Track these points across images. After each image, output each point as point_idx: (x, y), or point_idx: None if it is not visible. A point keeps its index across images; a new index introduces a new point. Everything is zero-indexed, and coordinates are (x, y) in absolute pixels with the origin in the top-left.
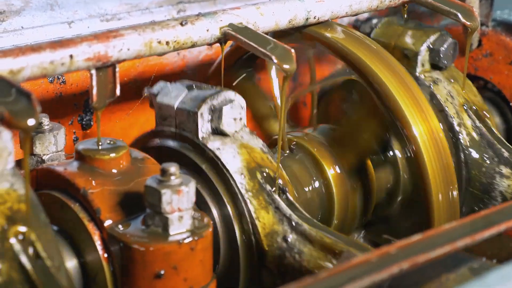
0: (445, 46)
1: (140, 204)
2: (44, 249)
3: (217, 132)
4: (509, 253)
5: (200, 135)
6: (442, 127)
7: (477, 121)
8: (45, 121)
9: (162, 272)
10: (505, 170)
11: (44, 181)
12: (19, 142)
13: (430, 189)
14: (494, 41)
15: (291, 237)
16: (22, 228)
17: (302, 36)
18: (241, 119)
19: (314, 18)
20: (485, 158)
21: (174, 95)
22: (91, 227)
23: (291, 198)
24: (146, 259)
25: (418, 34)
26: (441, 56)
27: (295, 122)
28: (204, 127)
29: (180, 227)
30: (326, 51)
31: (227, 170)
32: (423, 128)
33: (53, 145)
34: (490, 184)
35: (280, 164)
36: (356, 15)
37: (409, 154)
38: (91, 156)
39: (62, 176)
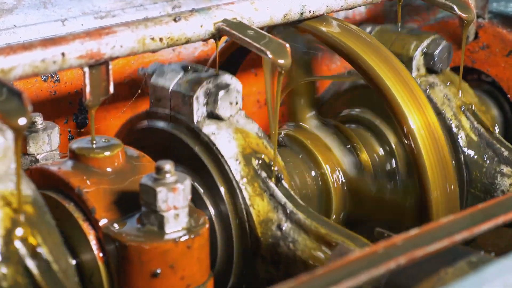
0: (439, 49)
1: (135, 202)
2: (50, 252)
3: (213, 116)
4: (507, 246)
5: (195, 118)
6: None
7: (475, 122)
8: (39, 120)
9: (159, 271)
10: (506, 169)
11: (38, 181)
12: None
13: (428, 183)
14: (490, 33)
15: (285, 225)
16: (28, 231)
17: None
18: (237, 103)
19: (309, 12)
20: (485, 158)
21: (169, 77)
22: (86, 226)
23: (286, 185)
24: (142, 258)
25: (411, 39)
26: (436, 59)
27: None
28: (199, 111)
29: (176, 225)
30: (321, 45)
31: (222, 156)
32: (420, 121)
33: (47, 144)
34: (491, 184)
35: (276, 151)
36: (351, 8)
37: (406, 148)
38: (86, 155)
39: (56, 176)
